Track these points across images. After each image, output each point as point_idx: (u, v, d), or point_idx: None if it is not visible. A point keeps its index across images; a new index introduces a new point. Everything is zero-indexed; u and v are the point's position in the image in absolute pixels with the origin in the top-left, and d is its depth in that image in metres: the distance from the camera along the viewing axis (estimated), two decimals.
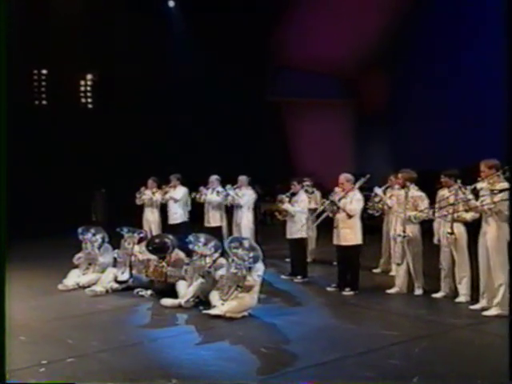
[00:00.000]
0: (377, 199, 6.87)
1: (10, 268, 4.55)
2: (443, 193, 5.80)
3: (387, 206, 6.75)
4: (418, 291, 6.02)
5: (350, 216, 6.05)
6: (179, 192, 8.38)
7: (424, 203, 5.83)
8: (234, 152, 12.63)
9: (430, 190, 6.11)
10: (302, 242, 6.90)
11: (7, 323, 3.29)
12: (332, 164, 11.70)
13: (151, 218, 8.57)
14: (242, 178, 8.00)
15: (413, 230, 5.91)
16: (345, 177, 6.23)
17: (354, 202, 6.09)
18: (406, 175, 5.96)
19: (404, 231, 5.86)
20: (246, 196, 7.92)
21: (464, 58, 11.15)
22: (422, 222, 5.98)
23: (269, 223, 11.42)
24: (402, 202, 5.96)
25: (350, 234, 6.10)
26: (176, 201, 8.34)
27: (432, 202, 5.86)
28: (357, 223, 6.16)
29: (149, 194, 8.56)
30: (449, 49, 11.51)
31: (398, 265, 6.07)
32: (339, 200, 6.10)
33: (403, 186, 5.98)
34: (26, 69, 12.68)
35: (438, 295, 5.86)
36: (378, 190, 6.83)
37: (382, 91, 12.85)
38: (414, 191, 5.94)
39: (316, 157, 12.64)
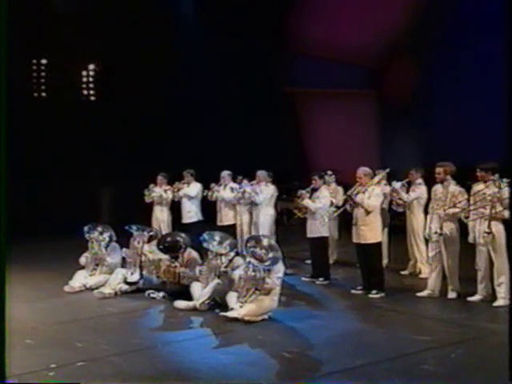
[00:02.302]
0: (395, 194, 6.94)
1: (14, 269, 4.71)
2: (479, 188, 5.80)
3: (403, 201, 6.81)
4: (452, 294, 6.02)
5: (368, 212, 6.10)
6: (194, 189, 8.42)
7: (463, 199, 5.82)
8: (248, 146, 12.69)
9: (462, 186, 6.13)
10: (323, 241, 6.94)
11: (7, 323, 3.37)
12: (354, 159, 11.70)
13: (160, 216, 8.64)
14: (261, 173, 8.04)
15: (450, 228, 5.91)
16: (363, 170, 6.28)
17: (372, 197, 6.14)
18: (449, 168, 5.95)
19: (441, 229, 5.86)
20: (263, 193, 7.97)
21: (499, 45, 11.05)
22: (459, 220, 5.97)
23: (286, 223, 11.48)
24: (439, 197, 5.95)
25: (368, 231, 6.16)
26: (190, 198, 8.39)
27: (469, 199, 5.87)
28: (376, 220, 6.21)
29: (158, 191, 8.64)
30: (482, 35, 11.44)
31: (432, 266, 6.07)
32: (356, 194, 6.13)
33: (442, 181, 5.96)
34: (25, 59, 12.83)
35: (474, 299, 5.87)
36: (397, 185, 6.90)
37: (410, 81, 12.79)
38: (453, 186, 5.94)
39: (337, 151, 12.65)
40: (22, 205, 10.11)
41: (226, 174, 8.26)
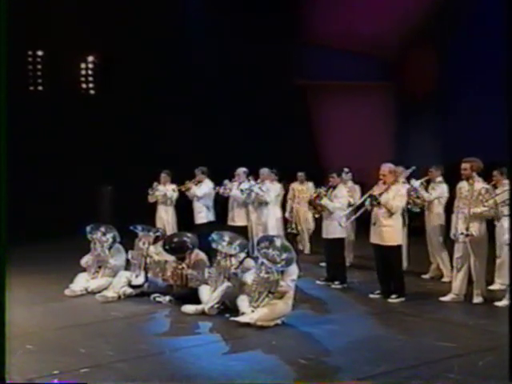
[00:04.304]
0: (414, 193, 6.95)
1: (12, 272, 4.73)
2: None
3: (423, 200, 6.83)
4: (478, 299, 6.02)
5: (391, 213, 6.09)
6: (203, 188, 8.38)
7: (491, 198, 5.82)
8: (257, 143, 12.70)
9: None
10: (339, 243, 6.94)
11: (7, 322, 3.43)
12: (369, 156, 11.69)
13: (165, 216, 8.63)
14: (264, 171, 8.06)
15: (478, 229, 5.89)
16: (388, 167, 6.23)
17: (397, 197, 6.13)
18: (476, 165, 5.94)
19: (467, 229, 5.85)
20: (271, 191, 7.98)
21: None
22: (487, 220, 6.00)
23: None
24: (465, 196, 5.95)
25: (389, 232, 6.15)
26: (198, 198, 8.38)
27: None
28: (398, 221, 6.21)
29: (162, 190, 8.66)
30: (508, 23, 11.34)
31: (458, 269, 6.05)
32: (380, 194, 6.13)
33: (468, 178, 5.95)
34: (19, 50, 12.87)
35: (502, 304, 5.85)
36: (416, 183, 6.91)
37: (429, 72, 12.76)
38: (479, 184, 5.94)
39: (351, 148, 12.64)
40: (20, 204, 10.15)
41: (241, 171, 8.22)
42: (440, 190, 7.05)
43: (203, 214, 8.39)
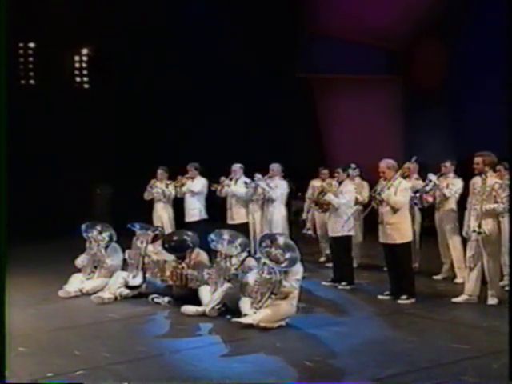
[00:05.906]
0: (428, 187, 6.95)
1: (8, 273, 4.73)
2: None
3: (443, 196, 6.82)
4: (492, 300, 6.00)
5: (395, 210, 6.10)
6: (198, 184, 8.44)
7: (505, 193, 5.81)
8: (259, 139, 12.71)
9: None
10: (347, 241, 6.95)
11: (7, 321, 3.43)
12: (376, 152, 11.68)
13: (163, 214, 8.65)
14: (275, 167, 8.05)
15: (491, 226, 5.88)
16: (386, 163, 6.28)
17: (398, 192, 6.15)
18: (489, 159, 5.91)
19: (479, 226, 5.84)
20: (278, 188, 7.99)
21: None
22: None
23: (301, 224, 11.50)
24: (478, 191, 5.95)
25: (396, 230, 6.17)
26: (194, 194, 8.40)
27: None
28: (404, 218, 6.23)
29: (160, 187, 8.67)
30: None
31: (471, 269, 6.04)
32: (380, 191, 6.15)
33: (481, 173, 5.94)
34: (10, 42, 12.85)
35: None
36: (433, 177, 6.92)
37: (438, 65, 12.77)
38: (493, 179, 5.93)
39: (357, 144, 12.65)
40: (14, 206, 10.17)
41: (237, 167, 8.25)
42: (458, 185, 7.08)
43: (196, 212, 8.42)
